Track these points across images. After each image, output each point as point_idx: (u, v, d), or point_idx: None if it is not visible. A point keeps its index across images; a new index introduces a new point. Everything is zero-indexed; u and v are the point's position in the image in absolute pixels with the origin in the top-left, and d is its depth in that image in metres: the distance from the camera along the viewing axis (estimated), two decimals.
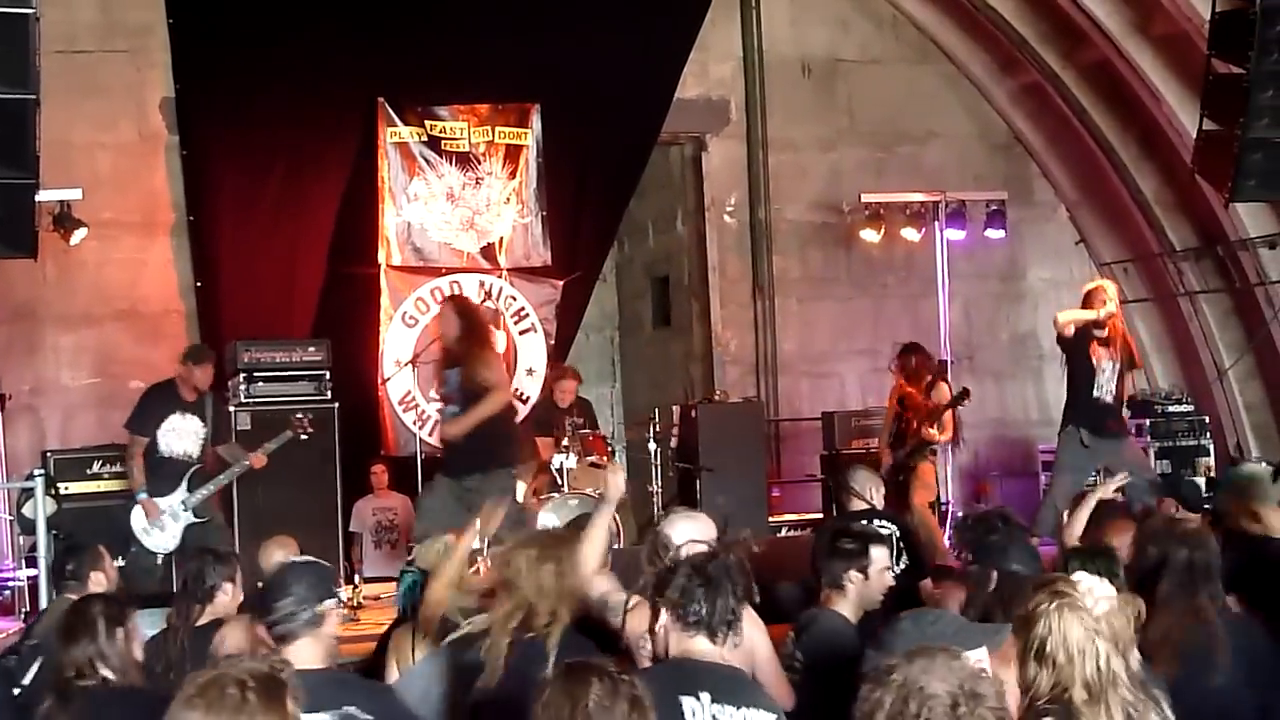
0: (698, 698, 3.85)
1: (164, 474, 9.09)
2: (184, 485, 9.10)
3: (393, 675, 5.20)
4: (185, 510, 9.10)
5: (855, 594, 5.36)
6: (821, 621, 5.28)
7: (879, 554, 5.47)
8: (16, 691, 5.08)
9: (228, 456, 9.42)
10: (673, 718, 3.75)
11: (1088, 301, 9.80)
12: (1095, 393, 9.79)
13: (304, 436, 9.42)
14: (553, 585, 4.59)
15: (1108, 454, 9.75)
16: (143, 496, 9.02)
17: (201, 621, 5.60)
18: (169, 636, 5.58)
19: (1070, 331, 9.78)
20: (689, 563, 4.13)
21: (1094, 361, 9.73)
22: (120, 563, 8.81)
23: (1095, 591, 3.55)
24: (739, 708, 3.86)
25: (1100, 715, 3.30)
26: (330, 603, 4.20)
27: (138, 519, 9.06)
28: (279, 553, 6.67)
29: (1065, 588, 3.50)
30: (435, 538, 5.99)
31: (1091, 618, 3.41)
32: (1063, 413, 9.99)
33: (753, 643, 5.06)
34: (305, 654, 4.05)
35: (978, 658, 3.37)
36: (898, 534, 7.13)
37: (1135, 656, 3.55)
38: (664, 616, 4.09)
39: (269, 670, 2.97)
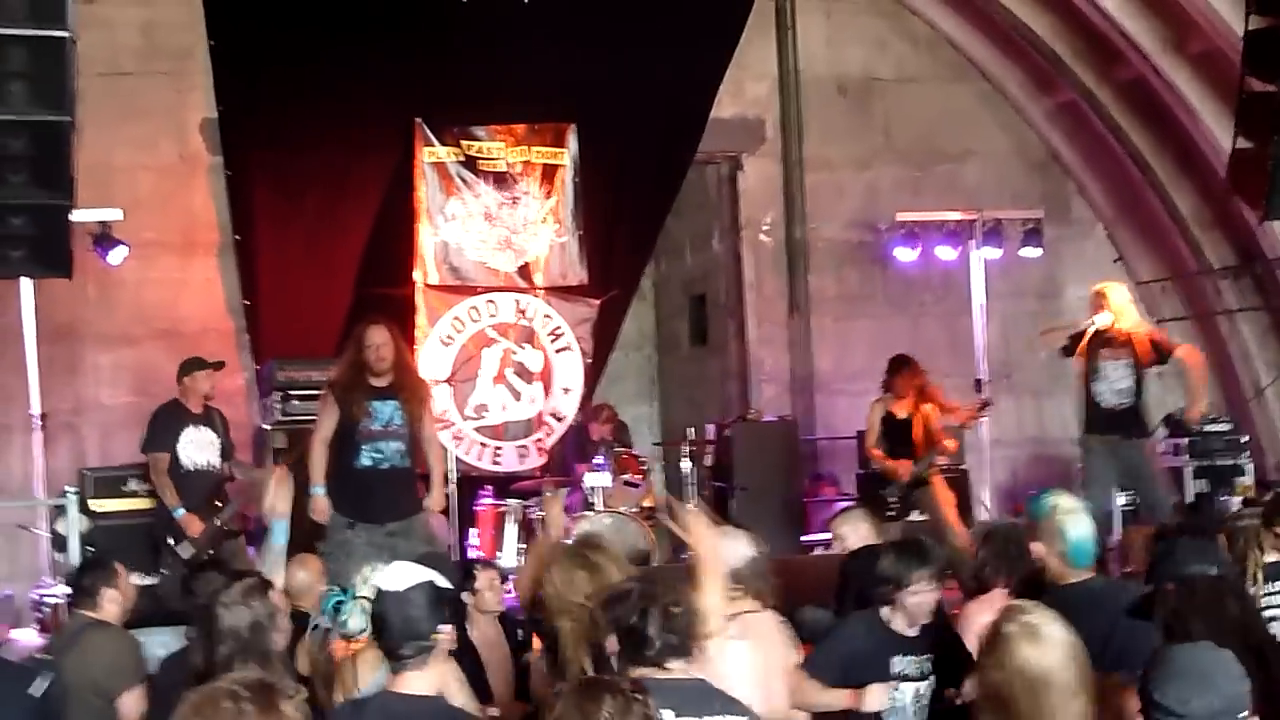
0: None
1: (193, 488, 9.14)
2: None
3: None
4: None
5: None
6: None
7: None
8: None
9: (239, 473, 9.49)
10: None
11: (1092, 305, 9.91)
12: (1095, 397, 9.80)
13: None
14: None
15: (1123, 457, 9.76)
16: (180, 513, 9.06)
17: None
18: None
19: (1062, 343, 9.89)
20: (630, 596, 4.13)
21: (1096, 365, 9.73)
22: (151, 580, 8.95)
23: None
24: (705, 718, 3.90)
25: None
26: (444, 631, 4.07)
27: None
28: (301, 573, 6.72)
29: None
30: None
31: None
32: None
33: (772, 652, 5.10)
34: (415, 684, 4.01)
35: None
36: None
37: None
38: (611, 643, 4.11)
39: (260, 678, 3.02)
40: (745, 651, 5.01)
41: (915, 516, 10.24)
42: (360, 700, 4.19)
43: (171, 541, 9.05)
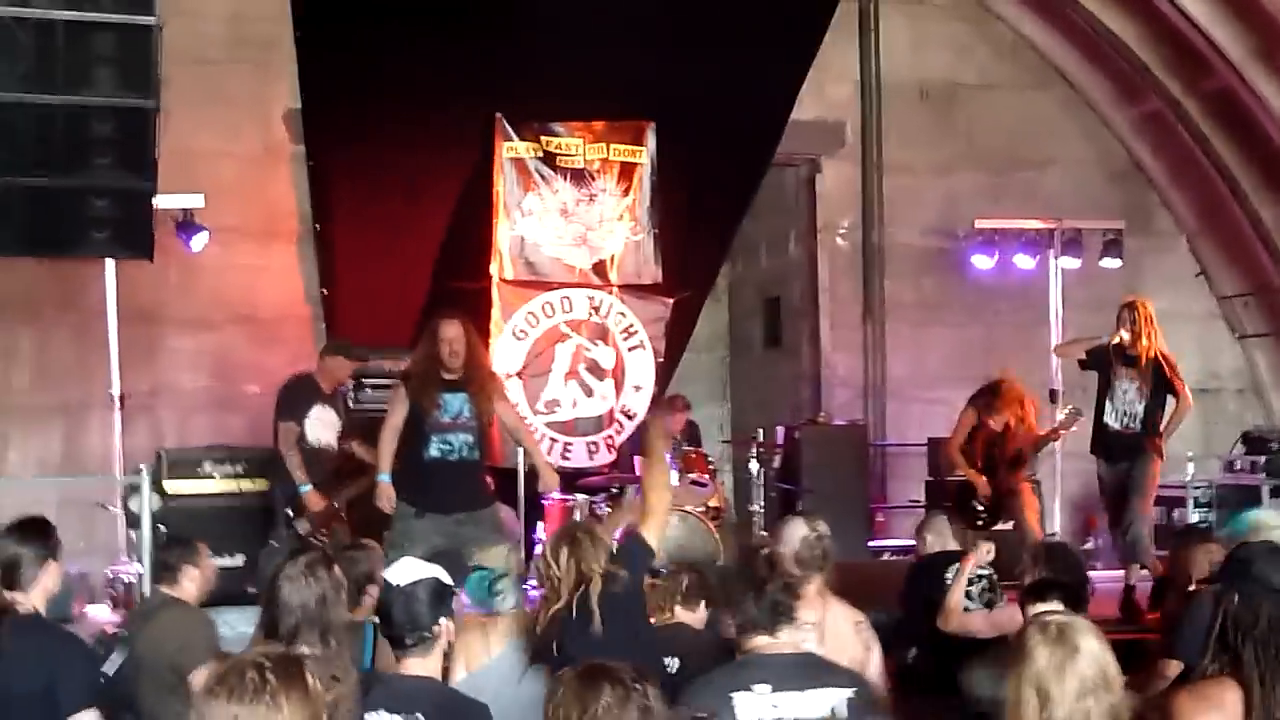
0: (751, 689, 3.94)
1: (314, 465, 9.21)
2: None
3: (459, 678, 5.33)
4: None
5: None
6: None
7: None
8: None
9: (360, 452, 9.55)
10: (725, 715, 3.92)
11: (1121, 319, 9.74)
12: (1105, 417, 9.63)
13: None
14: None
15: (1122, 475, 9.61)
16: (307, 489, 9.11)
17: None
18: None
19: (1080, 355, 9.74)
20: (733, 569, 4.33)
21: (1111, 384, 9.58)
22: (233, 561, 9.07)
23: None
24: (803, 690, 3.94)
25: None
26: (443, 624, 4.37)
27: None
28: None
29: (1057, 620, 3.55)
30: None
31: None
32: None
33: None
34: (415, 668, 4.36)
35: None
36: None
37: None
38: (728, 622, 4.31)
39: (283, 652, 3.05)
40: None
41: (1002, 526, 10.14)
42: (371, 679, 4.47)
43: (290, 513, 9.14)
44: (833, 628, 5.40)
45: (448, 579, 4.41)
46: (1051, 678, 3.43)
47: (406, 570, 4.38)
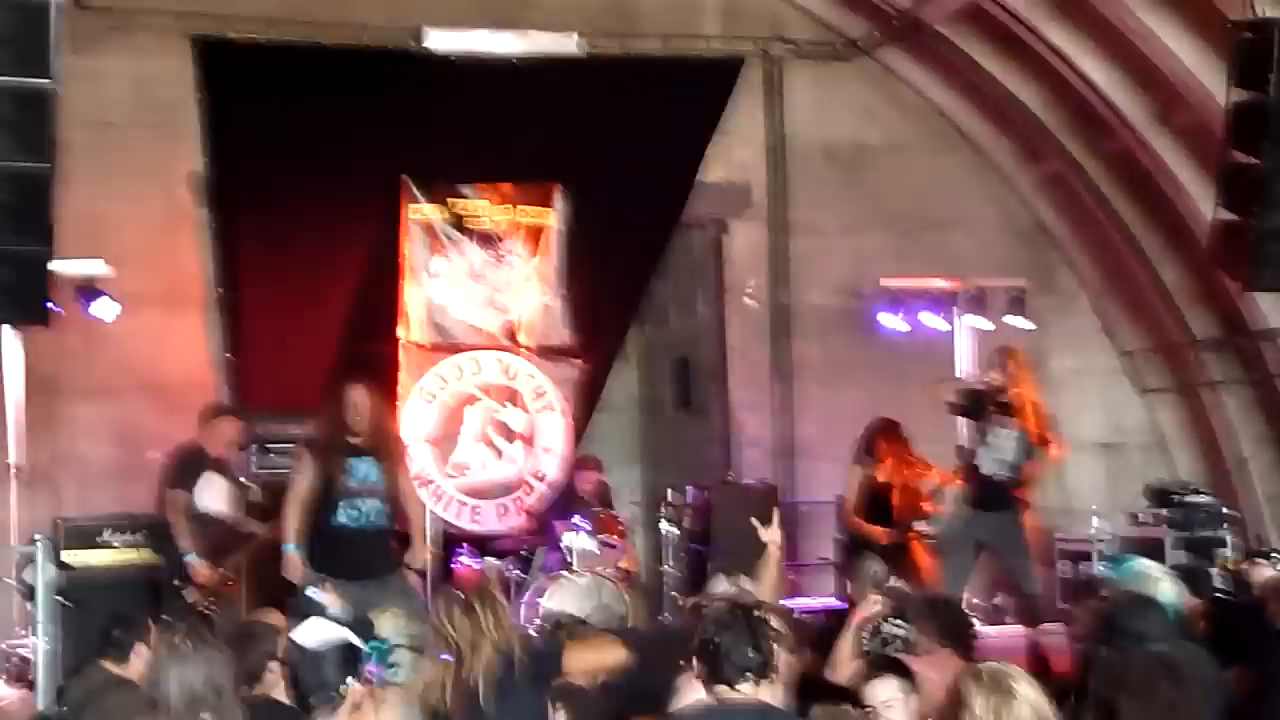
0: None
1: (204, 534, 9.08)
2: None
3: None
4: None
5: None
6: None
7: None
8: None
9: (261, 531, 9.43)
10: None
11: (994, 364, 9.75)
12: (979, 463, 9.63)
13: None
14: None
15: (986, 529, 9.56)
16: (192, 557, 8.97)
17: None
18: None
19: (951, 398, 9.72)
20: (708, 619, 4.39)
21: (985, 431, 9.59)
22: None
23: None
24: None
25: None
26: (350, 684, 4.34)
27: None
28: None
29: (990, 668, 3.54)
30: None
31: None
32: None
33: None
34: None
35: None
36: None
37: None
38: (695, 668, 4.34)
39: None
40: None
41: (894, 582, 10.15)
42: None
43: (177, 584, 8.97)
44: None
45: (358, 640, 4.38)
46: None
47: (314, 631, 4.33)
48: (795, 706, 4.68)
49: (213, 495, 9.24)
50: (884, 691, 5.07)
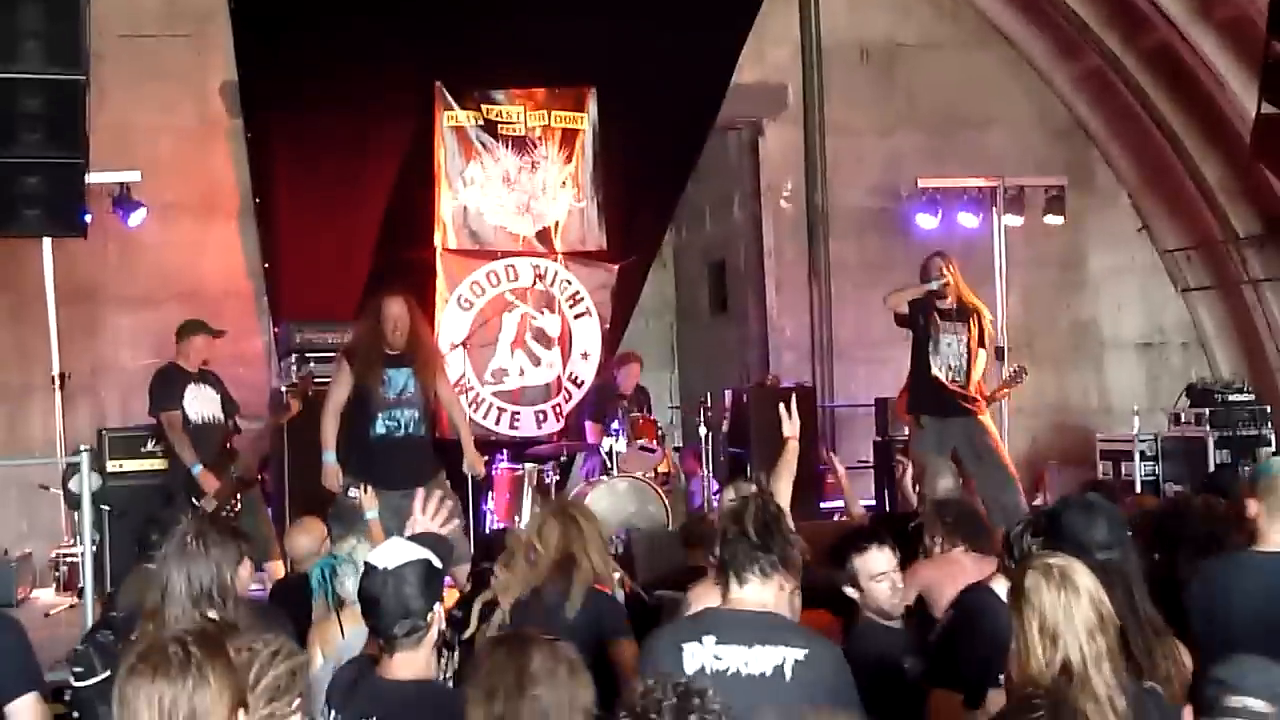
0: (700, 641, 3.99)
1: (204, 442, 9.13)
2: None
3: (317, 664, 5.03)
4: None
5: None
6: None
7: None
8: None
9: (245, 425, 9.50)
10: (674, 664, 3.92)
11: (923, 273, 9.58)
12: (934, 370, 9.48)
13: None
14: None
15: (952, 437, 9.43)
16: (199, 469, 9.06)
17: None
18: None
19: (904, 308, 9.54)
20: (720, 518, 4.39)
21: (933, 336, 9.43)
22: None
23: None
24: (748, 645, 3.92)
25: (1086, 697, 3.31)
26: (437, 611, 3.93)
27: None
28: (303, 538, 6.70)
29: (1056, 562, 3.53)
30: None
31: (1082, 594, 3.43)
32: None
33: None
34: (407, 668, 3.88)
35: None
36: None
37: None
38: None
39: (202, 627, 3.01)
40: None
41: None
42: (349, 673, 4.09)
43: (194, 499, 9.04)
44: None
45: (438, 561, 3.94)
46: (1061, 619, 3.42)
47: (393, 552, 3.90)
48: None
49: (203, 403, 9.26)
50: (878, 563, 5.06)
